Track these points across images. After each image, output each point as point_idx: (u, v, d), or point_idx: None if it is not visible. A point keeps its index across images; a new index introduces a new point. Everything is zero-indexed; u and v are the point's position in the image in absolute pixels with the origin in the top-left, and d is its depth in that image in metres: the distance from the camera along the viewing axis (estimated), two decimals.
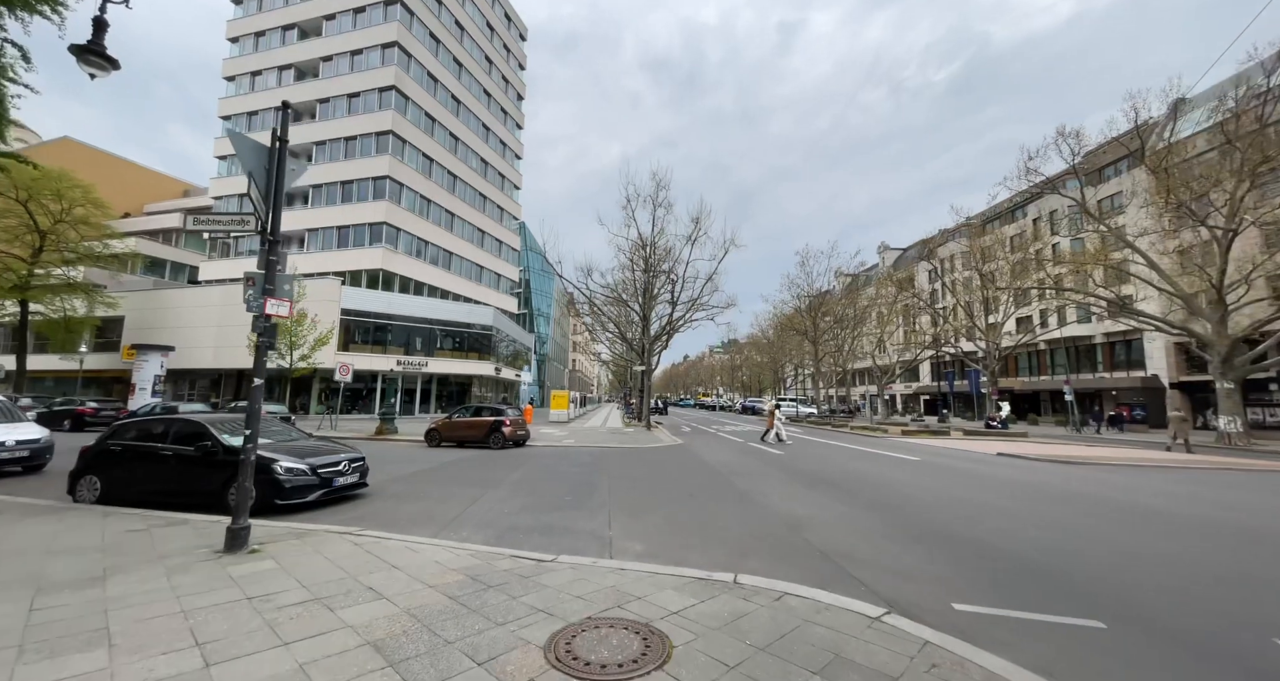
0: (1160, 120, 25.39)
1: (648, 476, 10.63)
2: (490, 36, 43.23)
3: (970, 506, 7.95)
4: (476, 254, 40.37)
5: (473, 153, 40.28)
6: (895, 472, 11.60)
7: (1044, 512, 7.50)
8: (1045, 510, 7.72)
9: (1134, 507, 8.03)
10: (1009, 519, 7.07)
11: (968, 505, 8.05)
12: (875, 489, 9.40)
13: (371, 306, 29.95)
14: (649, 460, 13.65)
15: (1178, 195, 22.95)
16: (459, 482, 9.58)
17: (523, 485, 9.29)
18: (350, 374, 21.72)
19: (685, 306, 29.20)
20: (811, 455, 15.27)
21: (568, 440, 18.95)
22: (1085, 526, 6.71)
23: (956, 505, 8.02)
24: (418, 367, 31.12)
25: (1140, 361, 38.76)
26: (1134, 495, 9.12)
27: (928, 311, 48.32)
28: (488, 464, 12.36)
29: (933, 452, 16.37)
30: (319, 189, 33.51)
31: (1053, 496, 8.93)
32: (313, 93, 34.27)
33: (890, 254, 67.01)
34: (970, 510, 7.62)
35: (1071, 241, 43.10)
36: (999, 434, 24.82)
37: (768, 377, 75.72)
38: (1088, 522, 6.93)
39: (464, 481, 9.74)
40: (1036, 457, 14.14)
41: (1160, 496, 9.01)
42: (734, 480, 10.20)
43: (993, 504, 8.15)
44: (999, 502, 8.27)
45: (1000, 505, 8.06)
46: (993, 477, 11.15)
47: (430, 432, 16.92)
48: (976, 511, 7.52)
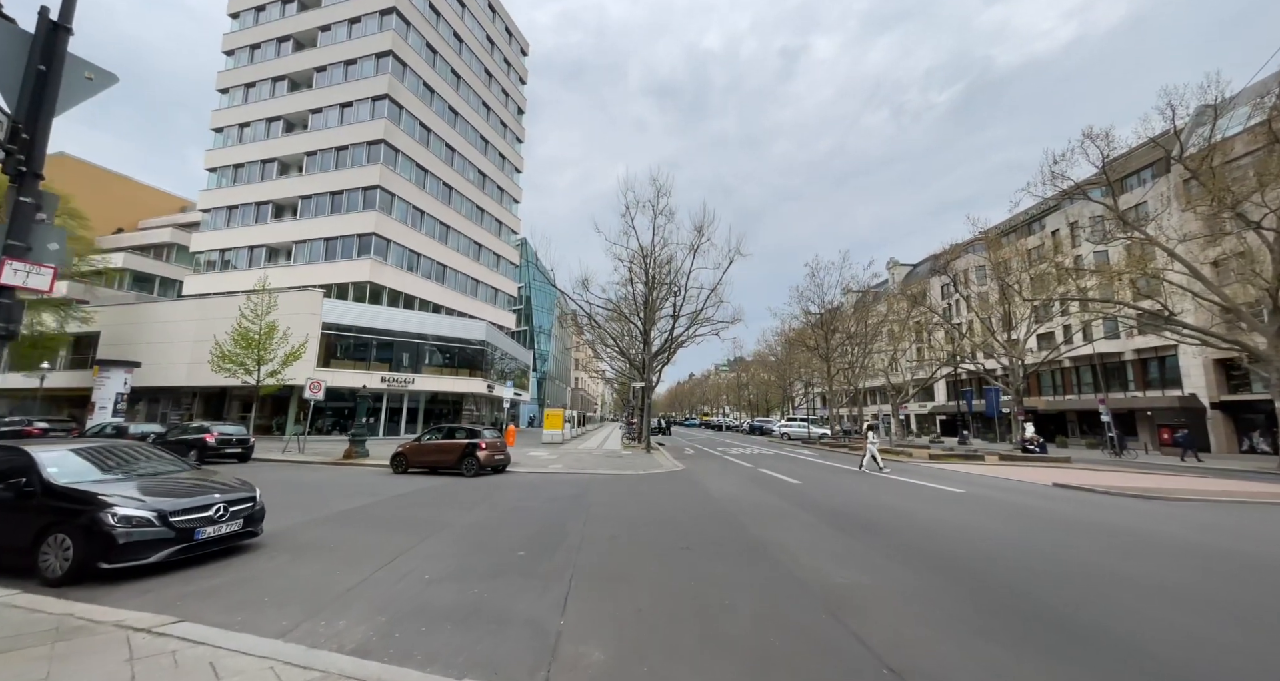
0: (1191, 122, 23.65)
1: (635, 517, 8.53)
2: (490, 50, 42.76)
3: (1081, 572, 5.78)
4: (472, 267, 38.94)
5: (470, 165, 39.27)
6: (944, 511, 9.42)
7: (1207, 589, 5.26)
8: (1203, 584, 5.46)
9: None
10: (1165, 600, 4.88)
11: (1073, 568, 5.89)
12: (928, 537, 7.25)
13: (355, 320, 28.31)
14: (642, 492, 11.54)
15: (1223, 198, 20.95)
16: (395, 526, 7.54)
17: (473, 531, 7.24)
18: (322, 391, 19.85)
19: (688, 318, 27.31)
20: (835, 485, 13.08)
21: (555, 466, 16.86)
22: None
23: (1057, 568, 5.87)
24: (403, 385, 29.25)
25: (1176, 380, 36.27)
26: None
27: (943, 326, 46.10)
28: (447, 498, 10.30)
29: (974, 482, 14.12)
30: (308, 200, 32.34)
31: (1186, 554, 6.75)
32: (306, 103, 33.47)
33: (900, 269, 65.21)
34: (1087, 580, 5.46)
35: (1095, 253, 41.10)
36: (1038, 459, 22.38)
37: (776, 397, 73.14)
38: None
39: (402, 524, 7.70)
40: (1106, 491, 11.89)
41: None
42: (744, 522, 8.08)
43: (1111, 568, 5.94)
44: (1117, 565, 6.08)
45: (1125, 572, 5.84)
46: (1071, 520, 8.94)
47: (396, 457, 14.91)
48: (1099, 583, 5.35)
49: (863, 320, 40.59)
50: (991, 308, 38.34)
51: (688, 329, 28.02)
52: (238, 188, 34.30)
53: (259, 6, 35.71)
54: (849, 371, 40.75)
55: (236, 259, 33.56)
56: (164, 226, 43.50)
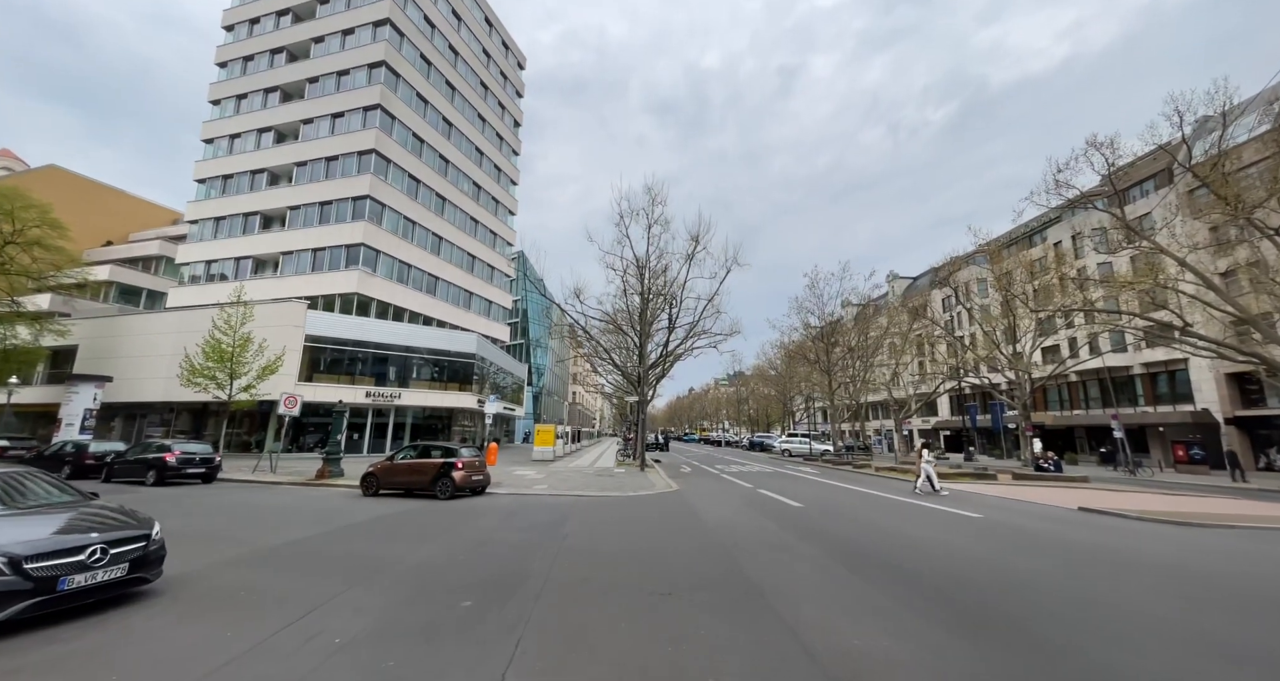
0: (1193, 133, 22.97)
1: (614, 552, 7.46)
2: (486, 63, 42.73)
3: (1155, 630, 4.73)
4: (465, 279, 38.18)
5: (464, 176, 38.82)
6: (968, 543, 8.34)
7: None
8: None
9: None
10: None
11: (1144, 624, 4.83)
12: (958, 580, 6.19)
13: (341, 332, 27.39)
14: (627, 518, 10.45)
15: (1237, 206, 20.18)
16: (331, 566, 6.48)
17: (419, 572, 6.17)
18: (298, 407, 18.84)
19: (685, 329, 26.39)
20: (842, 510, 11.97)
21: (539, 486, 15.74)
22: None
23: (1127, 626, 4.81)
24: (389, 399, 28.18)
25: (1187, 394, 35.21)
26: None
27: (946, 339, 45.17)
28: (406, 527, 9.22)
29: (992, 506, 13.01)
30: (296, 211, 31.72)
31: (1270, 603, 5.69)
32: (297, 113, 33.10)
33: (900, 282, 64.56)
34: (1164, 642, 4.42)
35: (1099, 265, 40.41)
36: (1052, 478, 21.22)
37: (776, 411, 71.85)
38: None
39: (341, 563, 6.63)
40: (1138, 516, 10.80)
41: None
42: (740, 558, 7.01)
43: (1196, 626, 4.91)
44: (1198, 620, 5.04)
45: (1211, 629, 4.82)
46: (1116, 555, 7.86)
47: (366, 478, 13.81)
48: (1189, 649, 4.31)
49: (864, 333, 39.68)
50: (995, 320, 37.45)
51: (684, 340, 27.08)
52: (226, 199, 33.73)
53: (254, 19, 35.65)
54: (850, 385, 39.69)
55: (222, 271, 32.79)
56: (153, 239, 42.87)
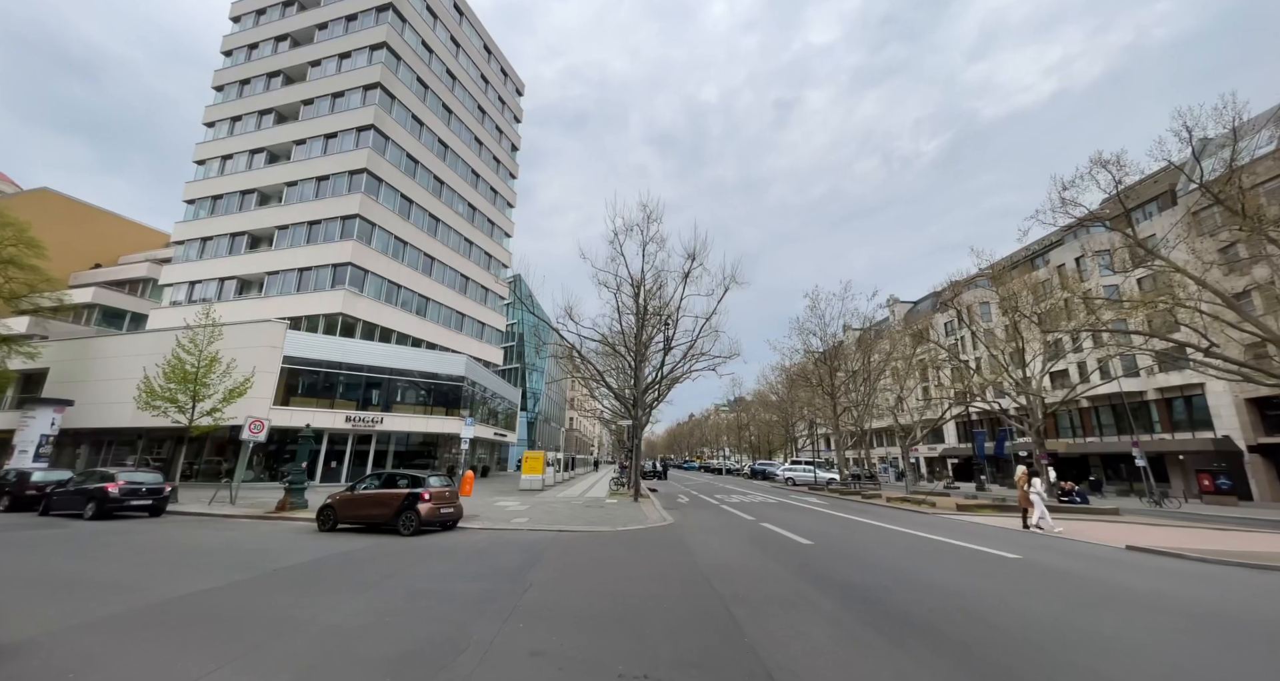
0: (1190, 157, 22.36)
1: (583, 610, 6.05)
2: (484, 88, 43.11)
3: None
4: (458, 300, 37.25)
5: (459, 198, 38.45)
6: (1015, 594, 6.92)
7: None
8: None
9: None
10: None
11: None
12: (1016, 650, 4.81)
13: (321, 353, 26.17)
14: (609, 560, 9.00)
15: (1254, 222, 19.30)
16: (213, 630, 5.09)
17: (323, 641, 4.79)
18: (265, 432, 17.44)
19: (683, 349, 25.20)
20: (859, 550, 10.50)
21: (519, 519, 14.23)
22: None
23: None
24: (370, 425, 26.71)
25: (1206, 420, 33.71)
26: None
27: (951, 363, 43.91)
28: (340, 573, 7.79)
29: (1024, 543, 11.53)
30: (285, 230, 31.04)
31: None
32: (290, 134, 32.88)
33: (901, 307, 63.80)
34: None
35: (1105, 287, 39.61)
36: (1080, 510, 19.62)
37: (778, 437, 69.82)
38: None
39: (234, 624, 5.24)
40: (1199, 557, 9.35)
41: None
42: (742, 618, 5.62)
43: None
44: None
45: None
46: (1204, 610, 6.45)
47: (323, 511, 12.35)
48: None
49: (866, 355, 38.48)
50: (1001, 343, 36.31)
51: (681, 361, 25.86)
52: (215, 219, 33.15)
53: (252, 45, 35.98)
54: (854, 410, 38.22)
55: (206, 292, 31.85)
56: (141, 261, 42.21)
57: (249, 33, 36.56)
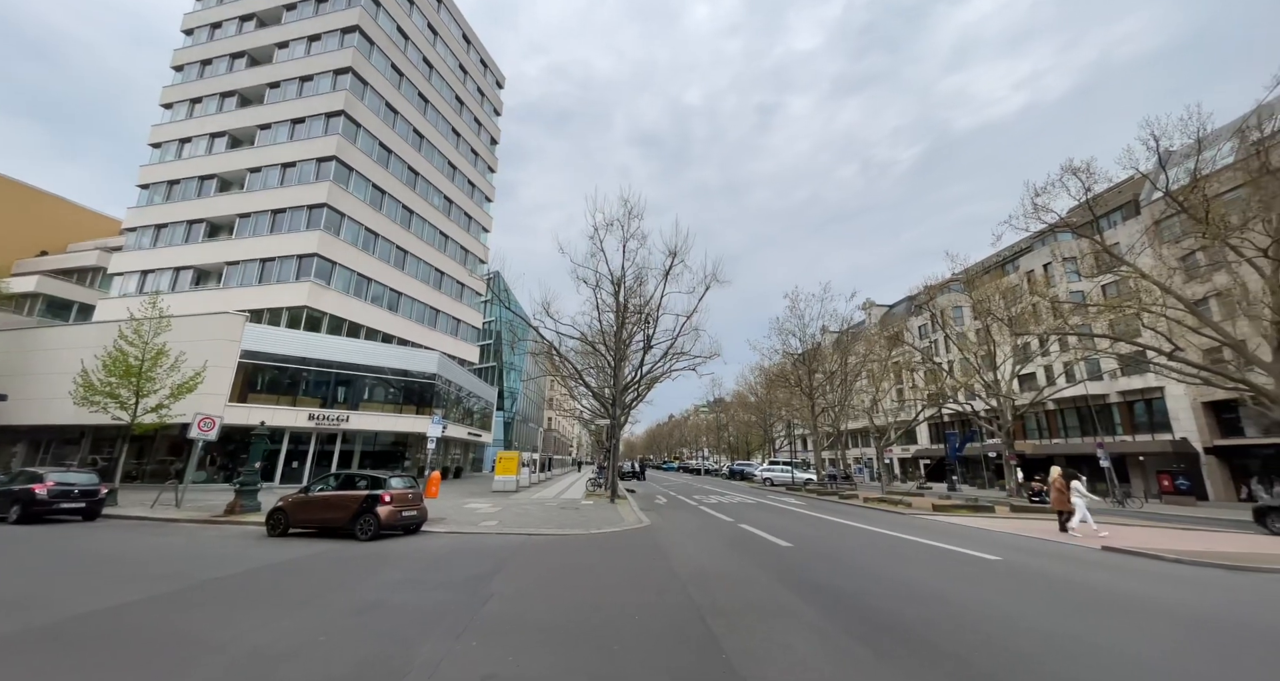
0: (1155, 168, 23.03)
1: (547, 623, 5.53)
2: (463, 78, 41.99)
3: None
4: (432, 296, 36.10)
5: (435, 190, 37.30)
6: (1001, 598, 6.67)
7: None
8: None
9: None
10: None
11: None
12: (1010, 663, 4.49)
13: (284, 348, 24.88)
14: (580, 567, 8.48)
15: (1217, 230, 19.89)
16: (110, 657, 4.40)
17: (238, 670, 4.16)
18: (216, 430, 16.33)
19: (663, 347, 24.81)
20: (839, 552, 10.21)
21: (488, 523, 13.57)
22: None
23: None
24: (335, 423, 25.52)
25: (1165, 423, 34.88)
26: None
27: (925, 365, 44.67)
28: (281, 584, 7.08)
29: (1004, 544, 11.44)
30: (246, 218, 29.51)
31: None
32: (254, 118, 31.34)
33: (877, 310, 64.79)
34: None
35: (1071, 293, 40.75)
36: (1049, 510, 19.86)
37: (756, 438, 70.18)
38: None
39: (132, 649, 4.55)
40: (1174, 558, 9.34)
41: None
42: (719, 630, 5.18)
43: None
44: None
45: None
46: (1195, 615, 6.29)
47: (274, 515, 11.48)
48: None
49: (844, 357, 38.79)
50: (973, 346, 37.04)
51: (661, 360, 25.46)
52: (170, 205, 31.35)
53: (215, 24, 34.22)
54: (831, 411, 38.49)
55: (159, 282, 30.06)
56: (91, 249, 39.77)
57: (212, 10, 34.78)
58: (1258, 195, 19.24)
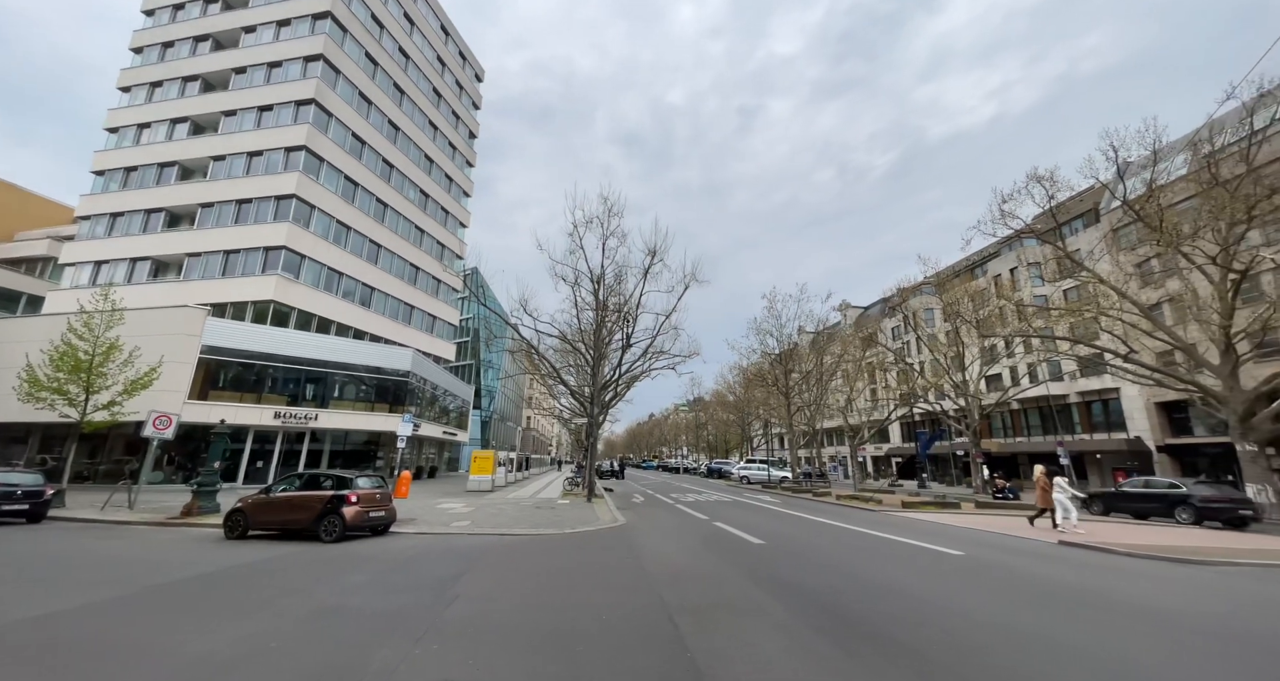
0: (1114, 179, 24.06)
1: (510, 625, 5.43)
2: (441, 70, 41.14)
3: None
4: (406, 291, 35.31)
5: (411, 183, 36.47)
6: (964, 593, 6.84)
7: None
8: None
9: None
10: None
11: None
12: (971, 658, 4.58)
13: (248, 344, 23.99)
14: (550, 568, 8.38)
15: (1171, 238, 20.85)
16: (34, 673, 4.14)
17: (180, 676, 3.96)
18: (172, 428, 15.62)
19: (642, 346, 24.77)
20: (810, 549, 10.34)
21: (461, 523, 13.32)
22: None
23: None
24: (303, 421, 24.74)
25: (1120, 422, 36.41)
26: None
27: (897, 365, 45.78)
28: (237, 588, 6.80)
29: (966, 539, 11.76)
30: (209, 208, 28.35)
31: None
32: (219, 104, 30.12)
33: (852, 312, 66.06)
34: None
35: (1035, 296, 42.21)
36: (1013, 506, 20.58)
37: (734, 437, 70.88)
38: None
39: (53, 666, 4.29)
40: (1126, 552, 9.75)
41: None
42: (686, 629, 5.16)
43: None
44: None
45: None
46: (1140, 607, 6.53)
47: (232, 517, 11.04)
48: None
49: (819, 357, 39.45)
50: (943, 347, 38.12)
51: (640, 359, 25.43)
52: (128, 193, 29.90)
53: (178, 4, 32.75)
54: (806, 410, 39.13)
55: (114, 273, 28.66)
56: (41, 238, 37.67)
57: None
58: (1208, 205, 20.18)
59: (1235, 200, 18.82)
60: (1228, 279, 19.77)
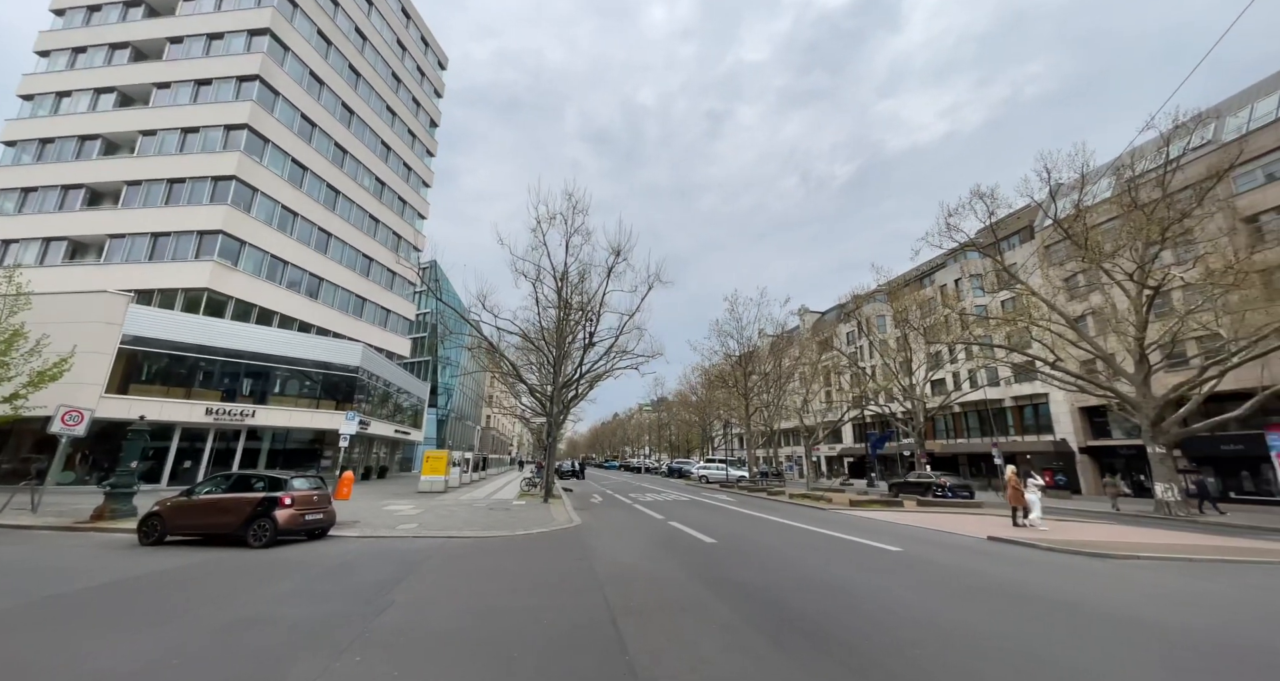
0: (1047, 199, 25.84)
1: (446, 631, 5.23)
2: (401, 55, 39.59)
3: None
4: (359, 283, 33.74)
5: (366, 170, 34.89)
6: (898, 588, 7.11)
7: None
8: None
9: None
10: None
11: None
12: (900, 651, 4.75)
13: (177, 334, 22.28)
14: (497, 570, 8.17)
15: (1094, 256, 22.56)
16: None
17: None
18: (84, 425, 14.30)
19: (606, 343, 24.64)
20: (758, 547, 10.52)
21: (407, 525, 12.81)
22: None
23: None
24: (239, 419, 23.21)
25: (1049, 426, 39.07)
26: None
27: (851, 369, 47.59)
28: (146, 597, 6.26)
29: (906, 536, 12.30)
30: (136, 186, 26.15)
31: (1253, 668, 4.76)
32: (150, 75, 27.84)
33: (810, 316, 68.13)
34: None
35: (975, 306, 44.79)
36: (952, 504, 21.72)
37: (696, 437, 71.74)
38: None
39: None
40: (1048, 546, 10.45)
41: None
42: (628, 631, 5.11)
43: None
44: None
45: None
46: (1054, 599, 6.97)
47: (148, 521, 10.18)
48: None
49: (778, 359, 40.50)
50: (893, 352, 39.92)
51: (603, 358, 25.28)
52: (42, 166, 27.20)
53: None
54: (765, 411, 40.08)
55: (24, 254, 26.02)
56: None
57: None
58: (1127, 226, 21.92)
59: (1151, 222, 20.55)
60: (1143, 294, 21.57)
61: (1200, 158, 24.73)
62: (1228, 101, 28.27)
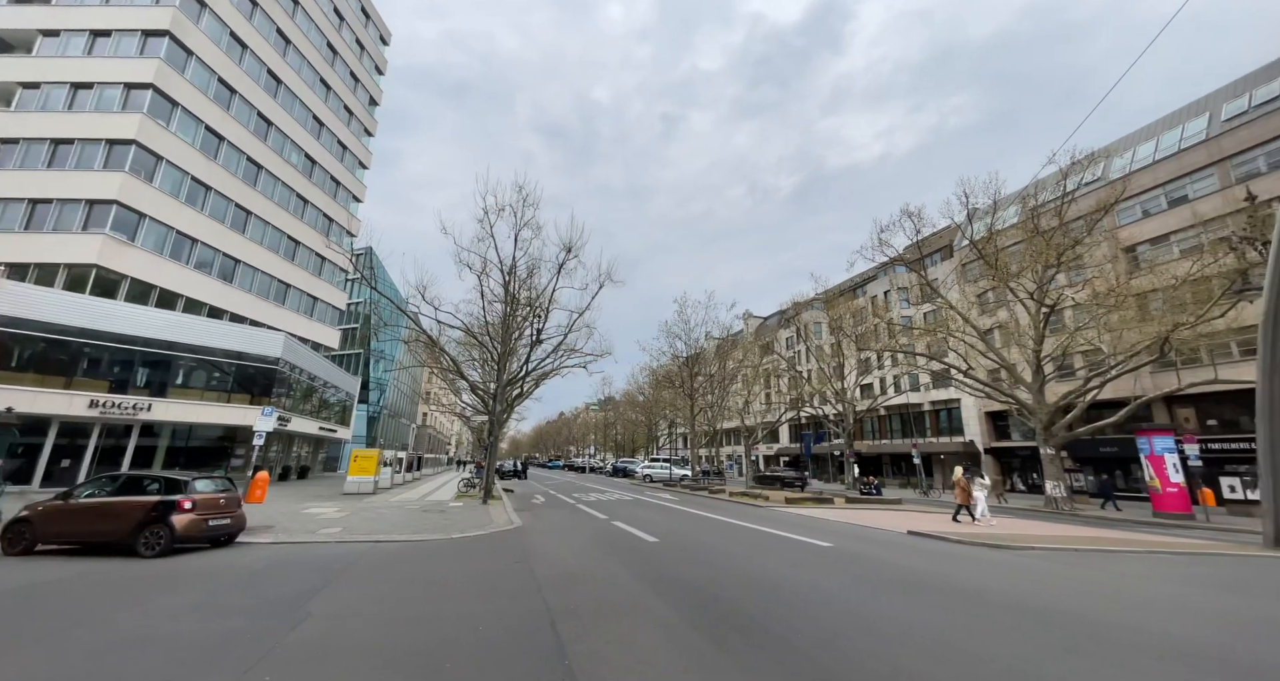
0: (964, 222, 28.23)
1: (368, 645, 4.89)
2: (339, 25, 36.87)
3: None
4: (282, 268, 31.05)
5: (294, 145, 32.18)
6: (830, 582, 7.46)
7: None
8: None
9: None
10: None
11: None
12: (830, 642, 4.96)
13: (57, 316, 19.51)
14: (428, 578, 7.77)
15: (1002, 275, 24.92)
16: None
17: None
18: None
19: (554, 340, 24.16)
20: (699, 545, 10.70)
21: (331, 529, 11.92)
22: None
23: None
24: (131, 413, 20.69)
25: (960, 428, 42.57)
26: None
27: (789, 372, 49.80)
28: (1, 622, 5.41)
29: (834, 531, 12.98)
30: (12, 145, 22.65)
31: (1132, 648, 5.35)
32: (34, 20, 24.21)
33: (753, 321, 70.48)
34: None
35: (901, 317, 48.18)
36: (875, 501, 23.20)
37: (641, 436, 72.19)
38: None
39: None
40: (958, 539, 11.40)
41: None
42: (567, 635, 5.00)
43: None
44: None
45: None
46: (961, 588, 7.57)
47: (14, 528, 8.82)
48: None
49: (723, 361, 41.62)
50: (828, 358, 42.18)
51: (550, 355, 24.80)
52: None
53: None
54: (709, 411, 41.06)
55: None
56: None
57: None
58: (1029, 250, 24.36)
59: (1049, 248, 23.01)
60: (1040, 311, 24.12)
61: (1092, 192, 27.97)
62: (1116, 143, 32.15)
